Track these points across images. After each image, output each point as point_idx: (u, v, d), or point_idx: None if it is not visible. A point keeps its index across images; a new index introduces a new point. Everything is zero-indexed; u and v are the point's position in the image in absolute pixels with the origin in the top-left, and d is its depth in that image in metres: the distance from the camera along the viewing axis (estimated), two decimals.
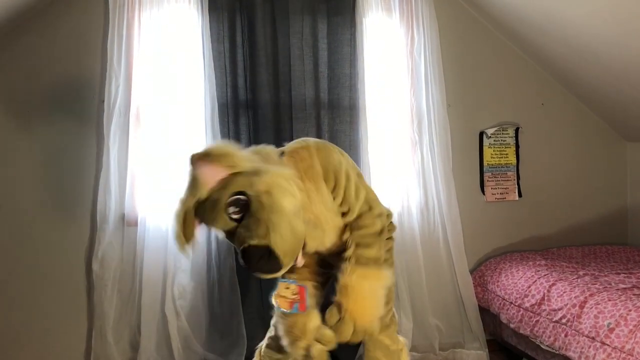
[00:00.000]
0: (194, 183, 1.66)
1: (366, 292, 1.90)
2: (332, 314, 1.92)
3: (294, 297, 2.01)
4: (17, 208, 2.96)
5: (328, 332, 1.98)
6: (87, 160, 3.01)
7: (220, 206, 1.63)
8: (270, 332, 2.23)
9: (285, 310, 2.03)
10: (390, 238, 2.16)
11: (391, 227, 2.17)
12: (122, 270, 2.97)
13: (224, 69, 3.04)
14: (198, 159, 1.67)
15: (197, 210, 1.68)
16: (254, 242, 1.60)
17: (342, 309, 1.89)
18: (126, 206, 2.97)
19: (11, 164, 2.96)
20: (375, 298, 1.92)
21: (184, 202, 1.68)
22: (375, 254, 1.95)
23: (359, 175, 2.04)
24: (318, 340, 2.04)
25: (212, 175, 1.65)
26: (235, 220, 1.65)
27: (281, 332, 2.09)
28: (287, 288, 2.02)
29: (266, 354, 2.22)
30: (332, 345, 2.04)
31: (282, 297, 2.01)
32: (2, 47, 2.94)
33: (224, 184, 1.65)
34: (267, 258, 1.60)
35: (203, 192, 1.65)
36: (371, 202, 2.01)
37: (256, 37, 3.04)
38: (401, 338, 2.25)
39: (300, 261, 1.87)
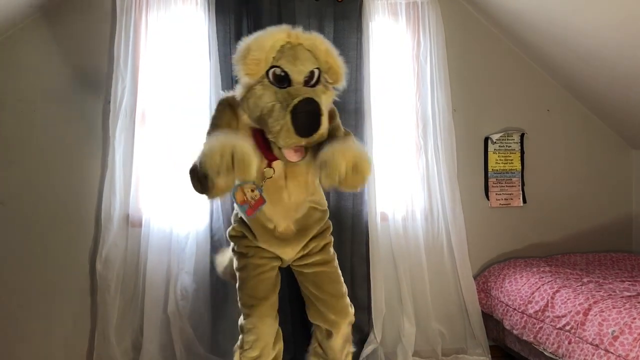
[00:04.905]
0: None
1: (349, 144, 2.05)
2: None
3: (250, 200, 2.12)
4: (22, 207, 2.98)
5: None
6: (93, 160, 3.02)
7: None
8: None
9: (235, 203, 2.13)
10: None
11: None
12: (125, 271, 2.97)
13: (230, 71, 3.04)
14: None
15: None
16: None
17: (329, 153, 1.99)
18: (131, 207, 2.98)
19: (16, 163, 2.97)
20: (358, 148, 2.07)
21: None
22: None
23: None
24: None
25: None
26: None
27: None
28: (252, 191, 2.11)
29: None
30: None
31: (242, 192, 2.10)
32: (10, 46, 2.95)
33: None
34: (315, 115, 1.92)
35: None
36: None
37: None
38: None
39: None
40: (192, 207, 3.01)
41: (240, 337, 2.31)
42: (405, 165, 3.27)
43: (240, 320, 2.31)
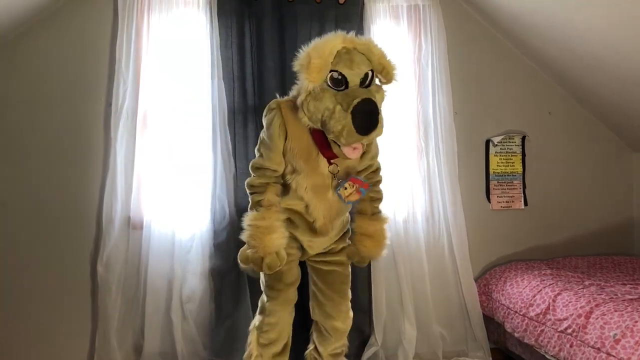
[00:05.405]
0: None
1: (377, 232, 2.50)
2: (353, 253, 2.52)
3: (355, 188, 2.39)
4: (23, 209, 2.98)
5: None
6: (94, 162, 3.02)
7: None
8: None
9: (356, 200, 2.41)
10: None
11: None
12: (126, 273, 2.97)
13: (232, 74, 3.05)
14: None
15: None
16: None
17: (360, 249, 2.49)
18: (132, 209, 2.98)
19: (18, 164, 2.98)
20: (384, 236, 2.53)
21: None
22: (380, 205, 2.59)
23: None
24: None
25: None
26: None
27: None
28: (346, 189, 2.37)
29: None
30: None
31: (348, 196, 2.37)
32: (12, 48, 2.96)
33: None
34: (374, 115, 2.12)
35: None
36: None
37: (264, 43, 3.05)
38: None
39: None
40: (194, 210, 3.02)
41: (260, 318, 2.47)
42: (407, 167, 3.27)
43: (262, 301, 2.47)
